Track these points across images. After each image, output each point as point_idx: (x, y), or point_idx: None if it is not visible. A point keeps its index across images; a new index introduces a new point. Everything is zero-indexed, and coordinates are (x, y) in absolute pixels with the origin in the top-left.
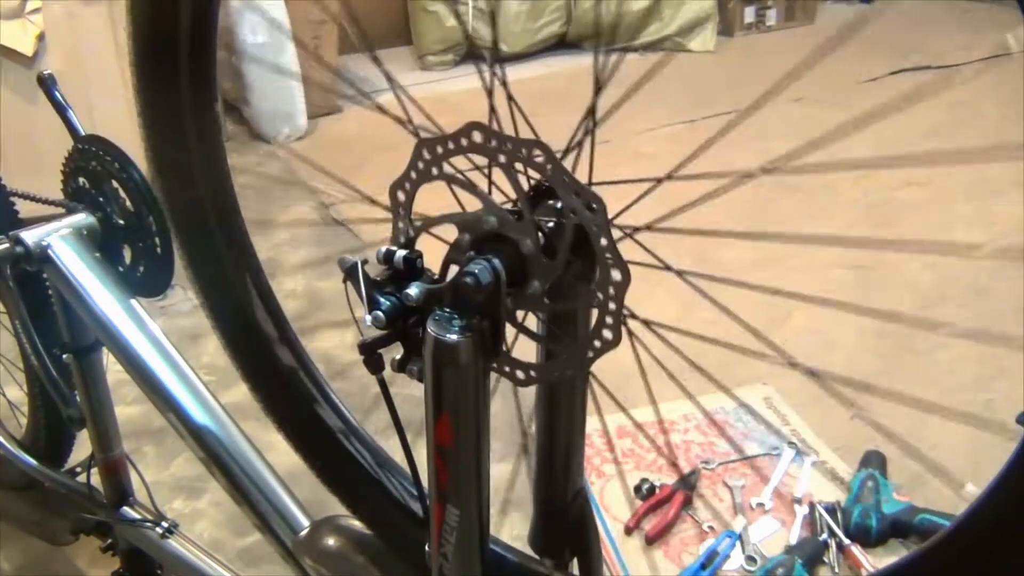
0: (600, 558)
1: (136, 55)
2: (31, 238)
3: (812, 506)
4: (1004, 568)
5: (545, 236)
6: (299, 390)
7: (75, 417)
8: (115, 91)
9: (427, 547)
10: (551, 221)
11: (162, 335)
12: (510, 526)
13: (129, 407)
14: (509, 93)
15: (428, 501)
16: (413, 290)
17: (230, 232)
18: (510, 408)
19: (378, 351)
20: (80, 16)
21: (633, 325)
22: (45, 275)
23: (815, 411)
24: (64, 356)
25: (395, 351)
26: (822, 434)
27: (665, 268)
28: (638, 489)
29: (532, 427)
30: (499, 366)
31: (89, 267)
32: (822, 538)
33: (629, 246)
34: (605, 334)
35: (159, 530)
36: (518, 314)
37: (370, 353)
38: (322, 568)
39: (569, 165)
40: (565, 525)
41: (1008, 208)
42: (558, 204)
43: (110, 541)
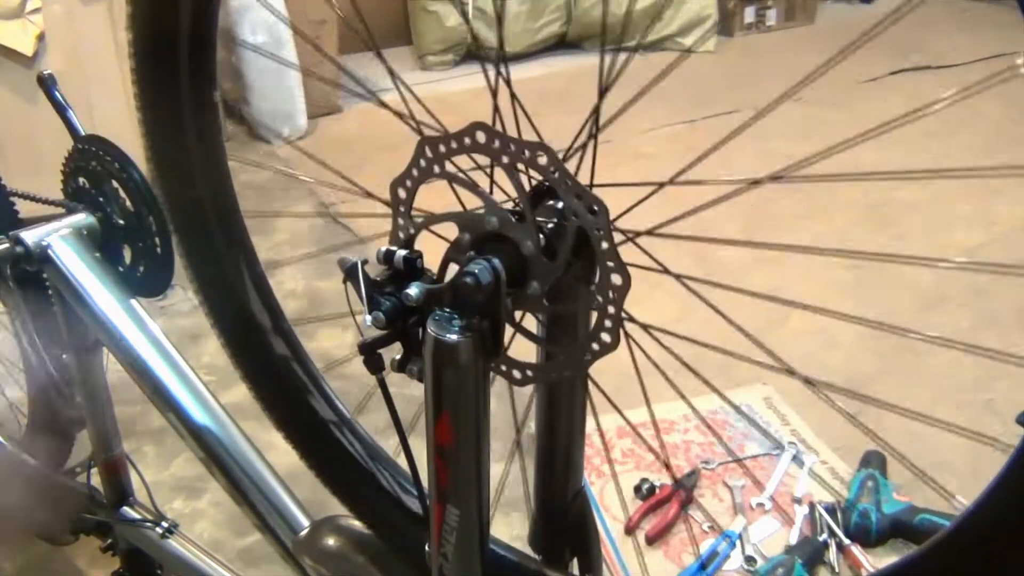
0: (600, 558)
1: (136, 55)
2: (31, 238)
3: (812, 506)
4: (1004, 568)
5: (546, 237)
6: (294, 383)
7: (75, 417)
8: (115, 91)
9: (427, 547)
10: (552, 222)
11: (162, 335)
12: (510, 526)
13: (129, 407)
14: (513, 93)
15: (428, 501)
16: (413, 290)
17: (230, 232)
18: (509, 408)
19: (378, 351)
20: (80, 16)
21: (631, 328)
22: (45, 275)
23: (815, 411)
24: (64, 356)
25: (395, 351)
26: (822, 434)
27: (665, 272)
28: (638, 489)
29: (531, 426)
30: (496, 366)
31: (89, 267)
32: (822, 538)
33: (629, 247)
34: (604, 337)
35: (159, 530)
36: (516, 315)
37: (370, 353)
38: (322, 568)
39: (571, 166)
40: (565, 525)
41: (1008, 208)
42: (558, 204)
43: (110, 541)
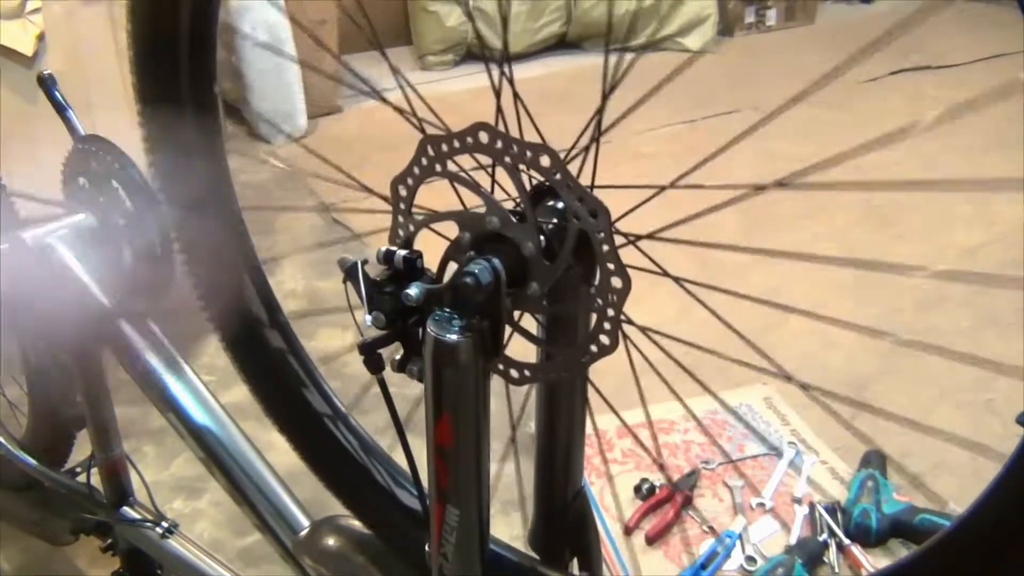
0: (600, 558)
1: (136, 55)
2: (31, 238)
3: (812, 506)
4: (1004, 568)
5: (546, 238)
6: (289, 375)
7: (75, 417)
8: (115, 91)
9: (427, 547)
10: (552, 223)
11: (162, 335)
12: (510, 527)
13: (129, 407)
14: (516, 93)
15: (428, 501)
16: (413, 290)
17: (230, 231)
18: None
19: (378, 351)
20: (80, 16)
21: (630, 331)
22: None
23: (815, 411)
24: (64, 356)
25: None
26: (822, 434)
27: (664, 275)
28: (638, 489)
29: (531, 426)
30: (496, 365)
31: (89, 267)
32: (822, 538)
33: (629, 249)
34: (602, 339)
35: (159, 530)
36: (514, 315)
37: (370, 353)
38: (322, 568)
39: (573, 168)
40: (565, 525)
41: (1008, 208)
42: (559, 205)
43: (110, 541)
